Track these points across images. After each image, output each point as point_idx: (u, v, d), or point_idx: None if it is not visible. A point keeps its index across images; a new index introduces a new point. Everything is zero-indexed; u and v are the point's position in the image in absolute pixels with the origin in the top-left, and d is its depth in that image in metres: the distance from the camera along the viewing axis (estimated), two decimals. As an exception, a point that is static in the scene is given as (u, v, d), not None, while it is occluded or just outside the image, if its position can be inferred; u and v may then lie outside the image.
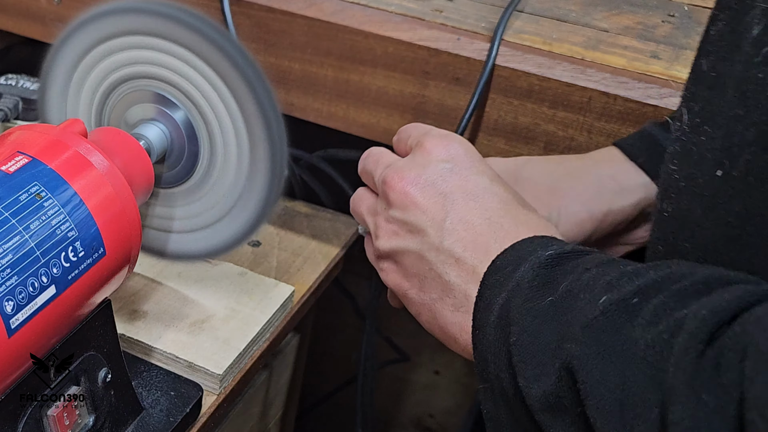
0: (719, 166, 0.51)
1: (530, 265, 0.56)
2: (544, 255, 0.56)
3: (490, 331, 0.56)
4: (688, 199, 0.54)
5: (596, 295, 0.51)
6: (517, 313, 0.54)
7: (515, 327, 0.54)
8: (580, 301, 0.51)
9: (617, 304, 0.49)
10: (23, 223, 0.60)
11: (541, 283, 0.54)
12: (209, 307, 0.87)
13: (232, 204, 0.77)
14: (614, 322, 0.49)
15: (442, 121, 0.94)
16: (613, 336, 0.48)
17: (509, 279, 0.56)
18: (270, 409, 1.05)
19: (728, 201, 0.51)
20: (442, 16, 0.96)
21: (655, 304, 0.48)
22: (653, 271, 0.51)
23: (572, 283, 0.53)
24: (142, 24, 0.73)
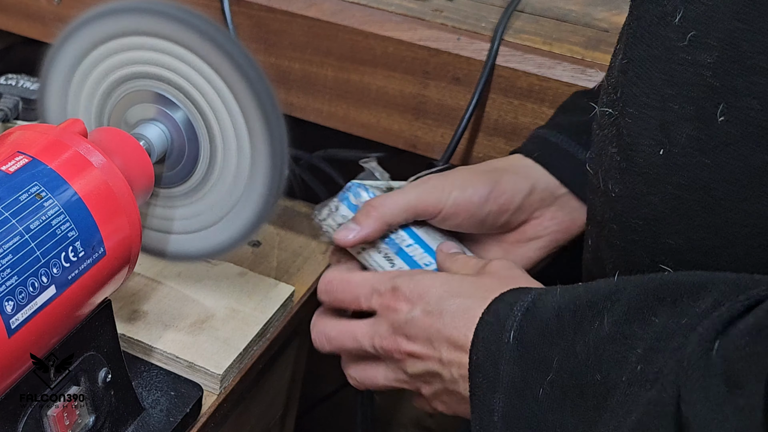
0: (658, 144, 0.54)
1: (507, 357, 0.58)
2: (510, 337, 0.58)
3: (494, 430, 0.59)
4: (632, 178, 0.57)
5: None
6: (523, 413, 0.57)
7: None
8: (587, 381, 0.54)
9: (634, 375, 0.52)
10: (23, 223, 0.60)
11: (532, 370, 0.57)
12: (209, 307, 0.87)
13: (232, 204, 0.77)
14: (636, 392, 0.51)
15: (442, 121, 0.94)
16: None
17: (496, 376, 0.59)
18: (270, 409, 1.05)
19: (671, 175, 0.54)
20: (442, 16, 0.96)
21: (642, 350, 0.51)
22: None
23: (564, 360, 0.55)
24: (143, 24, 0.73)
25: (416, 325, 0.67)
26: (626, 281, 0.56)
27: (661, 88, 0.55)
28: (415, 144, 0.96)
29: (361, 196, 0.73)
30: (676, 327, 0.50)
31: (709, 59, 0.51)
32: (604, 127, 0.61)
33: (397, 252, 0.74)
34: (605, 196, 0.61)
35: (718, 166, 0.52)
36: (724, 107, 0.51)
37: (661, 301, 0.52)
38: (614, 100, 0.59)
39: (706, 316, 0.49)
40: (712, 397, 0.45)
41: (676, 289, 0.52)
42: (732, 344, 0.46)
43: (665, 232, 0.56)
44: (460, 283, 0.67)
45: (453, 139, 0.92)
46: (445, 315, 0.65)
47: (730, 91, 0.51)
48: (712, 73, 0.51)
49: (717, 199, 0.52)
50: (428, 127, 0.95)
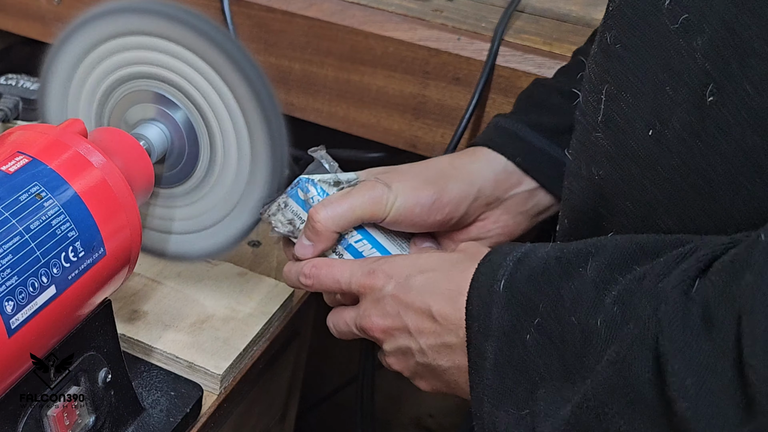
0: (651, 128, 0.55)
1: (499, 303, 0.60)
2: (500, 285, 0.60)
3: (488, 376, 0.60)
4: (621, 162, 0.58)
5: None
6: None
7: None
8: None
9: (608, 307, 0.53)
10: (23, 223, 0.60)
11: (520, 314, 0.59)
12: (209, 307, 0.87)
13: (232, 204, 0.77)
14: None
15: (442, 120, 0.95)
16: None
17: (488, 323, 0.60)
18: (270, 409, 1.05)
19: (665, 159, 0.55)
20: (442, 16, 0.96)
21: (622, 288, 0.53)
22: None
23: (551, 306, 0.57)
24: (143, 24, 0.73)
25: (388, 302, 0.69)
26: (615, 236, 0.58)
27: (655, 74, 0.55)
28: (415, 144, 0.96)
29: (309, 192, 0.74)
30: (654, 270, 0.52)
31: (701, 43, 0.52)
32: (588, 113, 0.62)
33: (347, 247, 0.76)
34: (588, 181, 0.62)
35: (712, 149, 0.53)
36: (713, 88, 0.52)
37: (644, 252, 0.54)
38: (603, 86, 0.60)
39: (686, 258, 0.51)
40: (689, 332, 0.47)
41: (661, 243, 0.54)
42: (710, 282, 0.48)
43: (657, 215, 0.57)
44: (428, 259, 0.69)
45: (453, 139, 0.92)
46: (413, 289, 0.67)
47: (723, 74, 0.51)
48: (704, 56, 0.52)
49: (710, 182, 0.53)
50: (428, 127, 0.96)
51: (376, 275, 0.70)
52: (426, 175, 0.76)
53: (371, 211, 0.74)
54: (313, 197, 0.74)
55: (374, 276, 0.70)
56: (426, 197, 0.75)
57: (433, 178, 0.76)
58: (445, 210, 0.76)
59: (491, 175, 0.78)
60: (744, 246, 0.48)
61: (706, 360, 0.46)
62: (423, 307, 0.66)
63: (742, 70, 0.50)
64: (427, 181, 0.76)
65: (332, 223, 0.73)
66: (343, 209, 0.73)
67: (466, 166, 0.78)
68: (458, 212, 0.77)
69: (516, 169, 0.79)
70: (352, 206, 0.73)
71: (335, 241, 0.75)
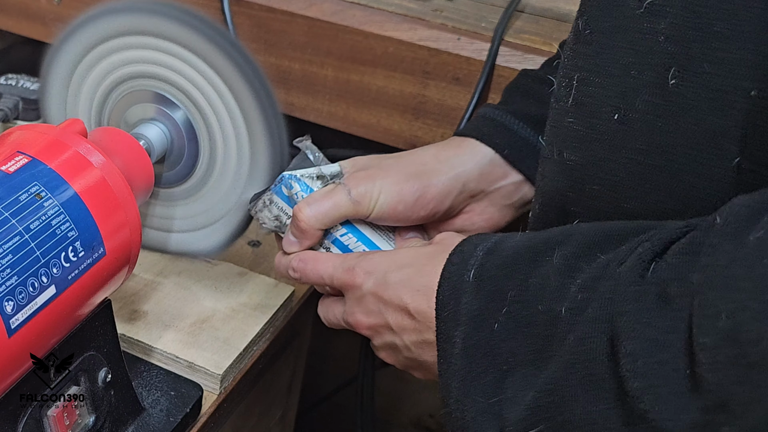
0: (616, 111, 0.57)
1: (468, 291, 0.61)
2: (470, 275, 0.61)
3: (455, 361, 0.61)
4: (590, 145, 0.59)
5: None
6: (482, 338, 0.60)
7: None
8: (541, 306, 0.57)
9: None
10: (23, 223, 0.60)
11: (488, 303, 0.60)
12: (209, 307, 0.87)
13: (232, 204, 0.77)
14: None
15: (442, 120, 0.94)
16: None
17: (457, 310, 0.61)
18: (270, 409, 1.05)
19: (630, 140, 0.56)
20: (442, 16, 0.96)
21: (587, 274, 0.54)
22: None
23: (519, 293, 0.58)
24: (142, 24, 0.73)
25: (369, 300, 0.70)
26: (582, 224, 0.59)
27: (622, 57, 0.57)
28: (415, 144, 0.96)
29: (293, 188, 0.74)
30: (617, 257, 0.53)
31: (665, 25, 0.53)
32: (561, 98, 0.63)
33: (333, 241, 0.76)
34: (559, 165, 0.63)
35: (674, 130, 0.54)
36: (675, 71, 0.53)
37: (609, 240, 0.55)
38: (574, 71, 0.61)
39: (643, 243, 0.52)
40: (643, 312, 0.48)
41: (625, 230, 0.55)
42: (666, 264, 0.49)
43: (622, 197, 0.58)
44: (404, 255, 0.70)
45: (453, 139, 0.92)
46: (390, 286, 0.68)
47: (685, 56, 0.53)
48: (667, 38, 0.53)
49: (672, 162, 0.54)
50: (428, 127, 0.95)
51: (356, 273, 0.71)
52: (410, 171, 0.76)
53: (355, 209, 0.74)
54: (297, 193, 0.74)
55: (354, 273, 0.71)
56: (409, 195, 0.75)
57: (417, 174, 0.76)
58: (430, 206, 0.76)
59: (477, 167, 0.78)
60: (700, 229, 0.49)
61: (658, 337, 0.47)
62: (401, 305, 0.67)
63: (703, 52, 0.52)
64: (411, 176, 0.75)
65: (316, 221, 0.74)
66: (327, 208, 0.73)
67: (451, 159, 0.78)
68: (443, 207, 0.77)
69: (502, 161, 0.78)
70: (335, 205, 0.74)
71: (321, 237, 0.75)
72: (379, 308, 0.69)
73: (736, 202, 0.47)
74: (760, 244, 0.43)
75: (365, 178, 0.74)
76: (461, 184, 0.77)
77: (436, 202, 0.76)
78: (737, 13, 0.50)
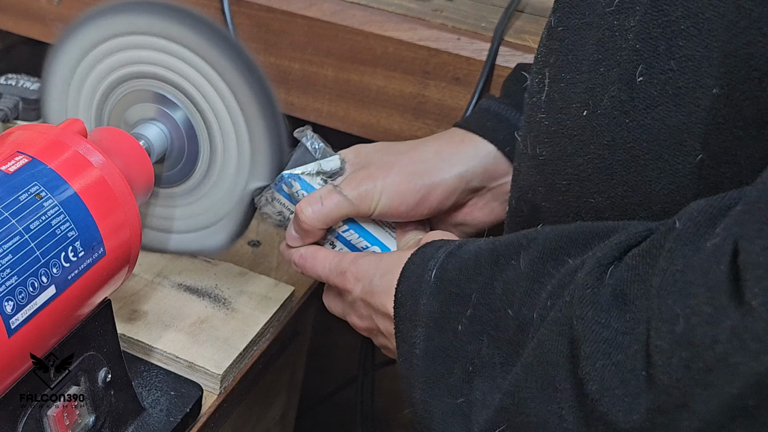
0: (585, 107, 0.57)
1: (427, 292, 0.61)
2: (431, 275, 0.62)
3: (417, 363, 0.61)
4: (559, 141, 0.60)
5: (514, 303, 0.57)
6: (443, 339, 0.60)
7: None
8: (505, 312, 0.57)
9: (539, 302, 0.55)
10: (23, 223, 0.60)
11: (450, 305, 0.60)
12: (209, 307, 0.87)
13: (232, 204, 0.77)
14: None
15: (442, 120, 0.94)
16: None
17: (416, 310, 0.62)
18: (270, 409, 1.05)
19: (596, 136, 0.57)
20: (442, 16, 0.96)
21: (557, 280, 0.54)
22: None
23: (482, 296, 0.59)
24: (142, 23, 0.73)
25: (360, 305, 0.71)
26: (545, 228, 0.59)
27: (591, 53, 0.57)
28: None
29: (293, 186, 0.75)
30: (581, 261, 0.53)
31: (633, 23, 0.54)
32: (534, 94, 0.63)
33: (337, 237, 0.77)
34: (533, 160, 0.63)
35: (639, 126, 0.54)
36: (643, 68, 0.53)
37: (574, 243, 0.55)
38: (546, 67, 0.61)
39: (603, 248, 0.52)
40: (600, 313, 0.49)
41: (589, 232, 0.55)
42: (625, 266, 0.49)
43: (588, 192, 0.58)
44: (390, 259, 0.70)
45: (453, 139, 0.92)
46: (375, 293, 0.69)
47: (652, 53, 0.53)
48: (635, 35, 0.54)
49: (636, 158, 0.55)
50: (428, 127, 0.95)
51: (346, 278, 0.71)
52: (412, 170, 0.76)
53: (356, 209, 0.74)
54: (298, 191, 0.75)
55: (345, 278, 0.72)
56: (411, 195, 0.75)
57: (419, 173, 0.76)
58: (433, 205, 0.76)
59: (480, 165, 0.77)
60: (660, 233, 0.49)
61: (615, 338, 0.48)
62: (384, 311, 0.67)
63: (668, 49, 0.52)
64: (412, 176, 0.75)
65: (318, 221, 0.74)
66: (329, 208, 0.74)
67: (454, 157, 0.78)
68: (445, 205, 0.77)
69: (504, 158, 0.78)
70: (337, 205, 0.74)
71: (324, 234, 0.76)
72: (369, 313, 0.70)
73: (695, 207, 0.47)
74: (716, 250, 0.43)
75: (366, 179, 0.74)
76: (465, 183, 0.77)
77: (439, 201, 0.76)
78: (702, 12, 0.51)
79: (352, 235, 0.76)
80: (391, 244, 0.77)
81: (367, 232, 0.77)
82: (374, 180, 0.74)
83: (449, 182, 0.76)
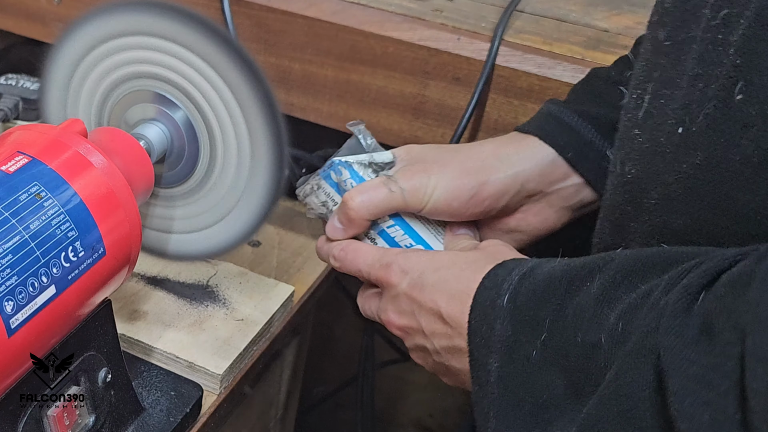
0: (680, 124, 0.55)
1: (501, 317, 0.59)
2: (504, 300, 0.59)
3: (492, 390, 0.59)
4: (651, 159, 0.58)
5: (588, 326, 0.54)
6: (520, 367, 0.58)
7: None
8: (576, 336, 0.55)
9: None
10: (23, 223, 0.60)
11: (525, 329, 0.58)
12: (209, 307, 0.87)
13: (232, 204, 0.77)
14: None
15: (442, 121, 0.94)
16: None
17: (490, 337, 0.59)
18: (270, 409, 1.05)
19: (689, 154, 0.55)
20: (442, 16, 0.96)
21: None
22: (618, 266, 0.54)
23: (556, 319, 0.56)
24: (143, 24, 0.73)
25: (403, 300, 0.69)
26: (623, 251, 0.57)
27: (692, 68, 0.55)
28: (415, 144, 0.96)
29: (342, 174, 0.73)
30: (659, 287, 0.51)
31: (736, 38, 0.52)
32: (630, 110, 0.61)
33: (379, 232, 0.75)
34: (620, 178, 0.61)
35: (733, 145, 0.52)
36: (742, 86, 0.51)
37: (651, 269, 0.53)
38: (648, 82, 0.59)
39: (690, 273, 0.49)
40: (688, 347, 0.46)
41: (667, 258, 0.53)
42: (713, 296, 0.47)
43: (676, 213, 0.56)
44: (443, 257, 0.68)
45: (453, 139, 0.92)
46: (425, 288, 0.67)
47: (753, 70, 0.51)
48: (736, 50, 0.52)
49: (728, 180, 0.53)
50: (428, 127, 0.95)
51: (392, 270, 0.69)
52: (467, 166, 0.74)
53: (408, 202, 0.72)
54: (347, 180, 0.73)
55: (390, 271, 0.69)
56: (465, 191, 0.73)
57: (474, 170, 0.74)
58: (485, 204, 0.74)
59: (537, 168, 0.75)
60: (751, 259, 0.46)
61: (703, 375, 0.45)
62: (434, 308, 0.65)
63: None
64: (468, 172, 0.73)
65: (366, 211, 0.72)
66: (380, 199, 0.72)
67: (511, 157, 0.76)
68: (498, 205, 0.75)
69: (564, 163, 0.76)
70: (389, 197, 0.72)
71: (368, 227, 0.74)
72: (412, 309, 0.68)
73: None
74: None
75: (420, 172, 0.73)
76: (519, 184, 0.75)
77: (492, 200, 0.74)
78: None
79: (397, 231, 0.74)
80: (437, 246, 0.75)
81: (413, 230, 0.74)
82: (428, 174, 0.73)
83: (504, 181, 0.74)
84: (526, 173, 0.75)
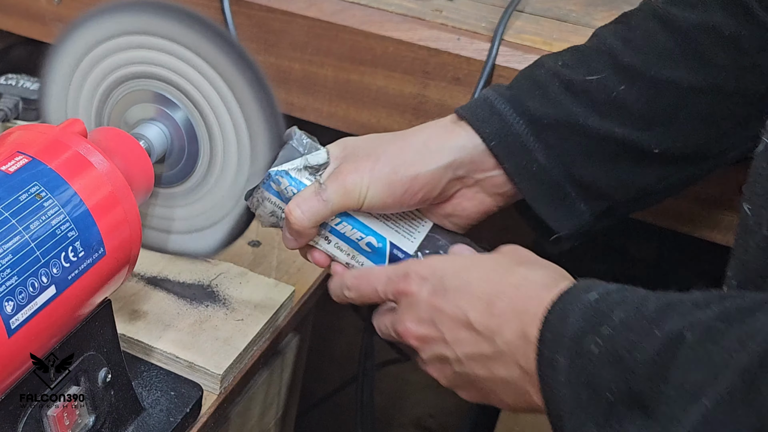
0: None
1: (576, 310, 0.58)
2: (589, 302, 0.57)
3: (563, 390, 0.57)
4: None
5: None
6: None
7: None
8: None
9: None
10: (23, 223, 0.60)
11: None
12: (209, 307, 0.87)
13: (232, 204, 0.77)
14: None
15: (442, 121, 0.94)
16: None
17: (561, 336, 0.58)
18: (270, 409, 1.05)
19: None
20: (442, 16, 0.96)
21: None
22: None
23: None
24: (143, 23, 0.73)
25: (423, 307, 0.68)
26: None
27: None
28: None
29: (281, 183, 0.74)
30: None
31: None
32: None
33: (330, 231, 0.76)
34: (766, 241, 0.57)
35: None
36: None
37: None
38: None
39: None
40: None
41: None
42: None
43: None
44: (462, 259, 0.68)
45: (453, 139, 0.92)
46: (448, 292, 0.66)
47: None
48: None
49: None
50: (428, 127, 0.95)
51: (410, 278, 0.69)
52: (399, 160, 0.74)
53: (344, 203, 0.73)
54: (287, 188, 0.74)
55: (408, 280, 0.69)
56: (398, 187, 0.74)
57: (405, 164, 0.74)
58: (419, 196, 0.75)
59: (468, 156, 0.76)
60: None
61: None
62: (459, 315, 0.64)
63: None
64: (399, 167, 0.74)
65: (308, 222, 0.73)
66: (317, 207, 0.73)
67: (443, 147, 0.76)
68: (432, 194, 0.75)
69: (489, 154, 0.76)
70: (325, 202, 0.73)
71: (317, 231, 0.75)
72: (432, 317, 0.67)
73: None
74: None
75: (353, 172, 0.73)
76: (451, 172, 0.75)
77: (425, 191, 0.75)
78: None
79: (345, 227, 0.76)
80: (387, 232, 0.76)
81: (360, 223, 0.76)
82: (361, 173, 0.73)
83: (435, 172, 0.75)
84: (456, 163, 0.75)
